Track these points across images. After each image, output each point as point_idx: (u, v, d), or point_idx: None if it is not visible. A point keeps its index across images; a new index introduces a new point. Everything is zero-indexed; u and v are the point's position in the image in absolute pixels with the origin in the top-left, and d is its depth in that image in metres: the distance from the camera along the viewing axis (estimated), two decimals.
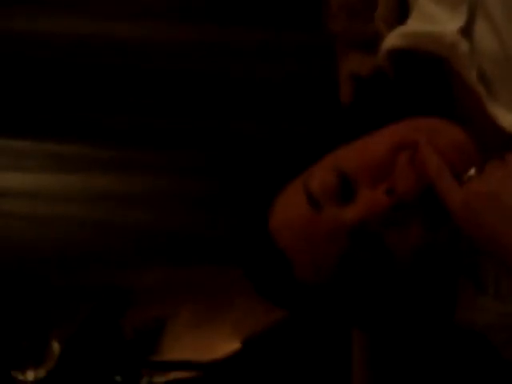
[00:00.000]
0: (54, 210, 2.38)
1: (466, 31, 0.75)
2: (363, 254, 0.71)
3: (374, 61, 0.86)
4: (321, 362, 2.46)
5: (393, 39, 0.79)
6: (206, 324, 2.85)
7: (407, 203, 0.69)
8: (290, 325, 2.69)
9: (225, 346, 2.91)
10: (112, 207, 2.36)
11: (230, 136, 2.06)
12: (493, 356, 0.78)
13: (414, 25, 0.79)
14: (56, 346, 2.53)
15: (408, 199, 0.70)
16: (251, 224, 0.78)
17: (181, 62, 1.94)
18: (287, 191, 0.76)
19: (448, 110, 0.77)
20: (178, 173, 2.27)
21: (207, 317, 2.84)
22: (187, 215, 2.37)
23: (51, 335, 2.54)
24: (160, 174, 2.28)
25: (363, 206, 0.71)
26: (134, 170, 2.25)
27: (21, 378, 2.40)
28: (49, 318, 2.55)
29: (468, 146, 0.71)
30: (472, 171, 0.67)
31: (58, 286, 2.53)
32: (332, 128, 0.82)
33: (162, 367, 2.58)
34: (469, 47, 0.74)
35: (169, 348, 2.57)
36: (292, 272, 0.75)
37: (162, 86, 1.99)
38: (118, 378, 2.43)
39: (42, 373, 2.45)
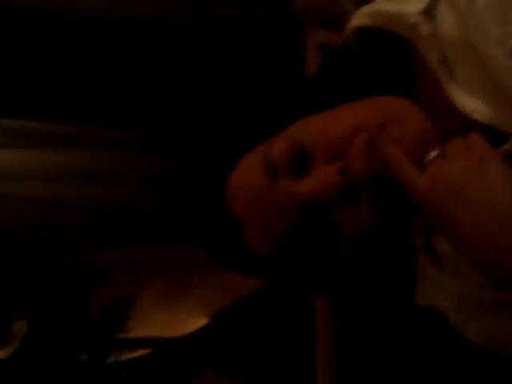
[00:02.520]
0: (12, 187, 2.34)
1: (429, 13, 0.73)
2: (311, 229, 0.71)
3: (341, 37, 0.84)
4: (285, 336, 2.48)
5: (359, 18, 0.78)
6: (173, 301, 2.85)
7: (359, 184, 0.69)
8: (256, 300, 2.70)
9: (193, 321, 2.92)
10: (73, 184, 2.33)
11: (193, 111, 2.03)
12: (451, 336, 0.78)
13: (379, 3, 0.78)
14: (21, 326, 2.51)
15: (360, 181, 0.69)
16: (208, 187, 0.77)
17: (144, 36, 1.91)
18: (247, 158, 0.75)
19: (409, 91, 0.75)
20: (139, 149, 2.24)
21: (174, 294, 2.83)
22: (149, 192, 2.35)
23: (16, 315, 2.52)
24: (121, 150, 2.25)
25: (316, 182, 0.70)
26: (95, 147, 2.22)
27: None
28: (13, 298, 2.53)
29: (429, 133, 0.70)
30: (433, 153, 0.66)
31: (21, 265, 2.49)
32: (296, 98, 0.81)
33: (129, 345, 2.58)
34: (430, 29, 0.72)
35: (136, 325, 2.57)
36: (242, 240, 0.74)
37: (121, 61, 1.95)
38: (85, 357, 2.42)
39: (7, 352, 2.43)
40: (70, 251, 2.51)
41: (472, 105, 0.70)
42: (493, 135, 0.68)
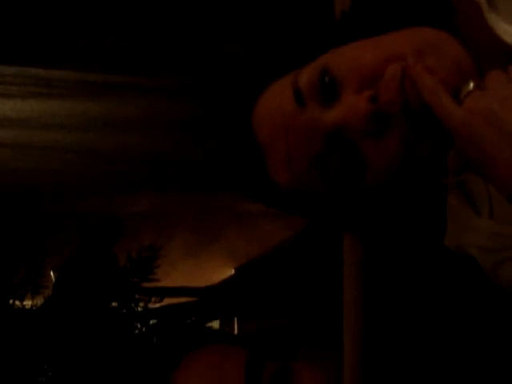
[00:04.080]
0: (41, 137, 2.34)
1: None
2: (336, 159, 0.70)
3: None
4: (312, 289, 2.49)
5: None
6: (200, 251, 2.87)
7: (388, 114, 0.67)
8: (282, 252, 2.71)
9: (218, 272, 2.94)
10: (99, 133, 2.33)
11: (221, 57, 2.01)
12: (481, 280, 0.77)
13: None
14: (52, 274, 2.54)
15: (390, 111, 0.67)
16: (234, 116, 0.77)
17: None
18: (275, 85, 0.74)
19: (446, 24, 0.73)
20: (167, 97, 2.23)
21: (201, 244, 2.85)
22: (175, 141, 2.34)
23: (47, 264, 2.55)
24: (149, 98, 2.24)
25: (344, 110, 0.69)
26: (120, 95, 2.21)
27: (19, 305, 2.42)
28: (44, 247, 2.56)
29: (466, 64, 0.68)
30: (470, 85, 0.64)
31: (50, 214, 2.51)
32: (328, 33, 0.80)
33: (157, 293, 2.61)
34: None
35: (163, 275, 2.59)
36: (266, 170, 0.74)
37: (149, 8, 1.93)
38: (114, 304, 2.45)
39: (39, 300, 2.47)
40: (96, 201, 2.53)
41: None
42: None
